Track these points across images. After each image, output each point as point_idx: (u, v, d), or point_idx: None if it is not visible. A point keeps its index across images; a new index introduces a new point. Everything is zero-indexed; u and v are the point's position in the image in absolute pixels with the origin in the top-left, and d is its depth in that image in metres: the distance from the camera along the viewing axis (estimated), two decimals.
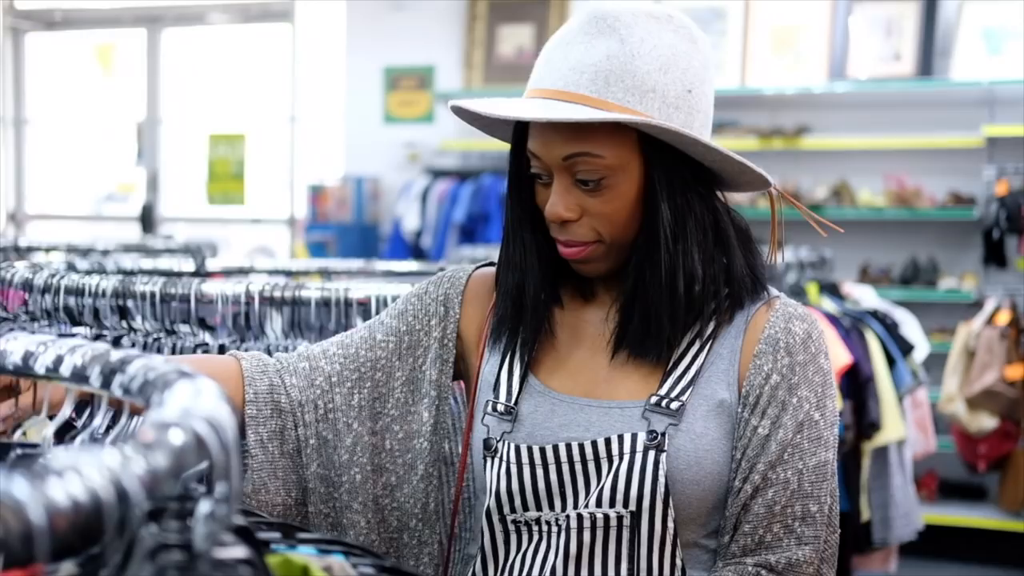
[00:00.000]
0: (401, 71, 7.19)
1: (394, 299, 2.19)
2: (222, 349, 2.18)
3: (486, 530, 1.57)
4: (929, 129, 6.07)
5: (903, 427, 4.25)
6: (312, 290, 2.20)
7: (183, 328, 2.31)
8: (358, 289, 2.21)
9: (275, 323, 2.34)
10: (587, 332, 1.60)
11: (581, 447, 1.50)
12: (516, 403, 1.57)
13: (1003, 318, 5.55)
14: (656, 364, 1.53)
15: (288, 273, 3.23)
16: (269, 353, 2.21)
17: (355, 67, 7.30)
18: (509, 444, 1.54)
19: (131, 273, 2.95)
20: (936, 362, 5.55)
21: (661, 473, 1.46)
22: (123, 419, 1.16)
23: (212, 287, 2.23)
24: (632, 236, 1.50)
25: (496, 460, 1.55)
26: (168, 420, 0.77)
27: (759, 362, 1.51)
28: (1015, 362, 5.46)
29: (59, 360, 1.08)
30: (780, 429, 1.49)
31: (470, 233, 6.60)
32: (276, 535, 1.12)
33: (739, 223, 1.56)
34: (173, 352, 2.18)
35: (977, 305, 5.88)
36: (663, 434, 1.48)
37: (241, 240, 7.98)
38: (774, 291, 1.58)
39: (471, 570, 1.60)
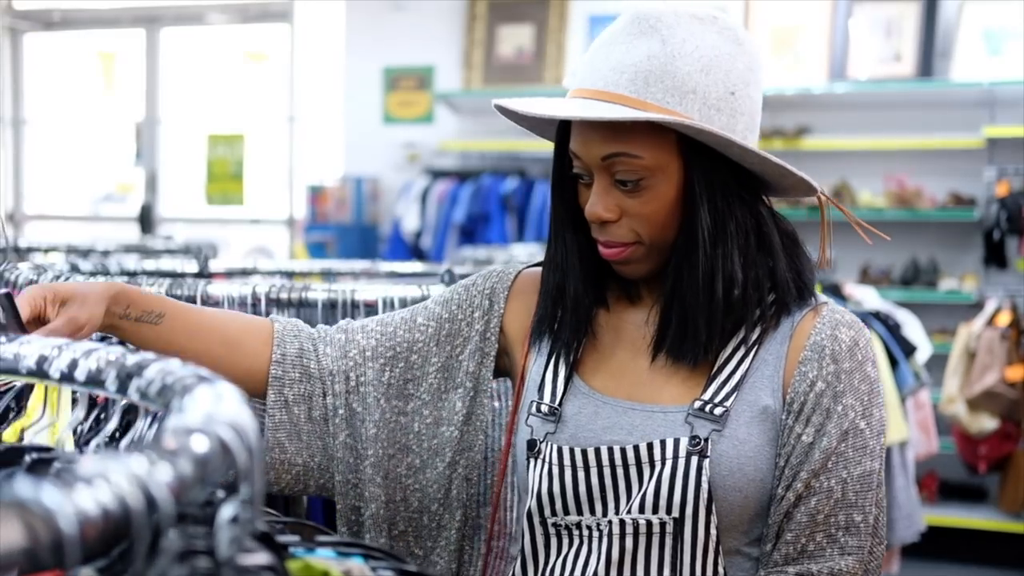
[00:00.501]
0: (400, 71, 7.18)
1: (401, 301, 2.19)
2: None
3: (526, 532, 1.56)
4: (929, 130, 6.07)
5: (906, 428, 4.25)
6: (319, 292, 2.19)
7: None
8: (364, 291, 2.20)
9: None
10: (629, 334, 1.60)
11: (623, 451, 1.50)
12: (560, 404, 1.57)
13: (1004, 319, 5.55)
14: (699, 368, 1.52)
15: (291, 274, 3.22)
16: None
17: (354, 67, 7.30)
18: (552, 445, 1.54)
19: (134, 274, 2.94)
20: (936, 363, 5.55)
21: (704, 479, 1.45)
22: (138, 423, 1.15)
23: (218, 288, 2.22)
24: (672, 238, 1.49)
25: (539, 461, 1.55)
26: (192, 426, 0.76)
27: (804, 369, 1.49)
28: (1015, 363, 5.46)
29: (74, 364, 1.07)
30: (824, 437, 1.47)
31: (470, 234, 6.60)
32: (294, 538, 1.12)
33: (785, 228, 1.55)
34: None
35: (978, 306, 5.88)
36: (706, 440, 1.46)
37: (240, 241, 7.97)
38: (822, 297, 1.57)
39: (511, 571, 1.60)
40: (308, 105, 7.93)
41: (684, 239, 1.48)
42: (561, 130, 1.54)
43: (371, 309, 2.21)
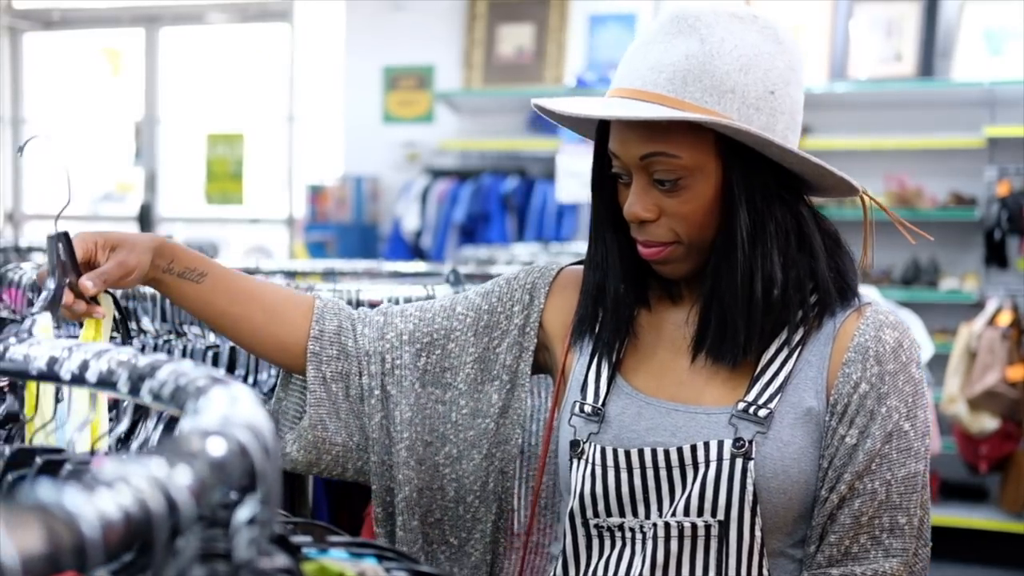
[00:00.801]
0: (400, 71, 7.18)
1: (407, 300, 2.18)
2: (232, 351, 2.17)
3: (568, 532, 1.56)
4: (930, 130, 6.07)
5: None
6: (323, 292, 2.18)
7: (192, 330, 2.30)
8: (369, 290, 2.19)
9: None
10: (670, 334, 1.59)
11: (667, 453, 1.49)
12: (603, 404, 1.56)
13: (1004, 319, 5.55)
14: (741, 369, 1.51)
15: (293, 274, 3.21)
16: None
17: (354, 67, 7.30)
18: (596, 446, 1.54)
19: None
20: (938, 363, 5.55)
21: (749, 481, 1.44)
22: (149, 423, 1.15)
23: None
24: (710, 237, 1.48)
25: (582, 462, 1.54)
26: (209, 428, 0.75)
27: (848, 370, 1.48)
28: (1016, 363, 5.45)
29: (85, 365, 1.06)
30: (868, 439, 1.46)
31: (470, 233, 6.59)
32: (307, 539, 1.11)
33: (827, 228, 1.54)
34: (184, 355, 2.16)
35: (978, 306, 5.88)
36: (751, 442, 1.46)
37: (239, 240, 7.97)
38: (866, 297, 1.56)
39: (553, 570, 1.60)
40: (308, 105, 7.93)
41: (723, 239, 1.47)
42: (601, 130, 1.54)
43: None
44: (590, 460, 1.53)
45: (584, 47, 6.79)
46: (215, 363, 2.12)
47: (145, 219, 7.96)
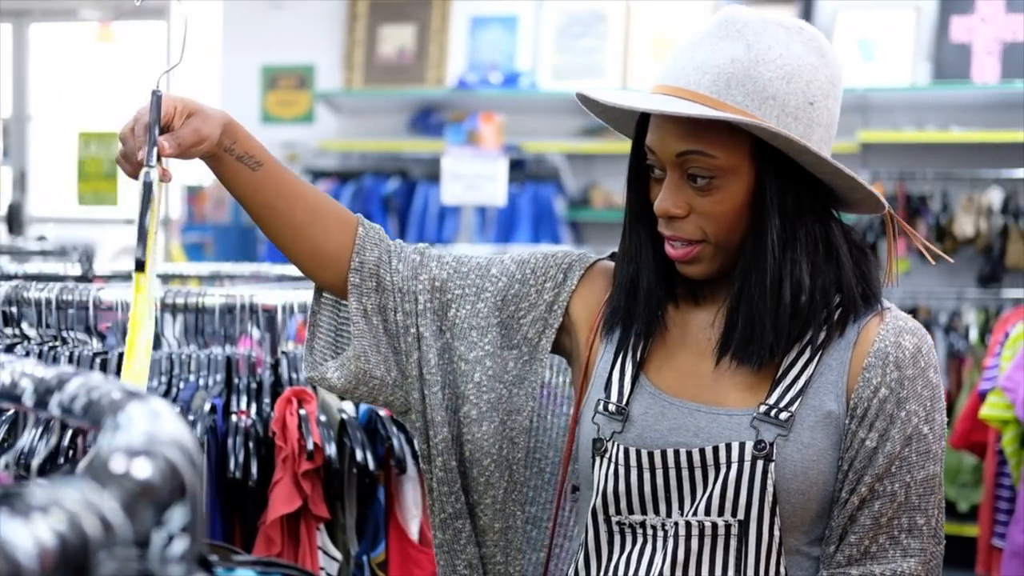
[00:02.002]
0: (280, 70, 7.10)
1: (300, 307, 2.16)
2: (122, 357, 2.12)
3: (590, 527, 1.59)
4: None
5: None
6: (216, 296, 2.14)
7: (74, 335, 2.25)
8: (264, 295, 2.16)
9: (171, 329, 2.29)
10: (694, 335, 1.61)
11: (690, 454, 1.52)
12: (627, 403, 1.58)
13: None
14: (763, 372, 1.54)
15: (176, 278, 3.16)
16: (171, 362, 2.16)
17: (232, 66, 7.18)
18: (618, 445, 1.56)
19: (10, 277, 2.86)
20: None
21: (770, 483, 1.48)
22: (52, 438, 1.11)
23: (110, 294, 2.17)
24: (738, 240, 1.51)
25: (605, 460, 1.57)
26: (136, 447, 0.73)
27: (868, 375, 1.51)
28: None
29: None
30: (888, 442, 1.50)
31: None
32: (214, 558, 1.09)
33: (854, 239, 1.57)
34: (70, 361, 2.11)
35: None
36: (772, 444, 1.49)
37: (112, 242, 7.79)
38: (886, 303, 1.58)
39: (574, 565, 1.62)
40: None
41: (753, 242, 1.49)
42: (639, 124, 1.56)
43: (271, 314, 2.18)
44: (613, 459, 1.56)
45: (466, 48, 6.79)
46: (103, 369, 2.07)
47: (14, 219, 7.74)
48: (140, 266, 1.49)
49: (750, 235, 1.50)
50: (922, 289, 5.96)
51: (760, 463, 1.48)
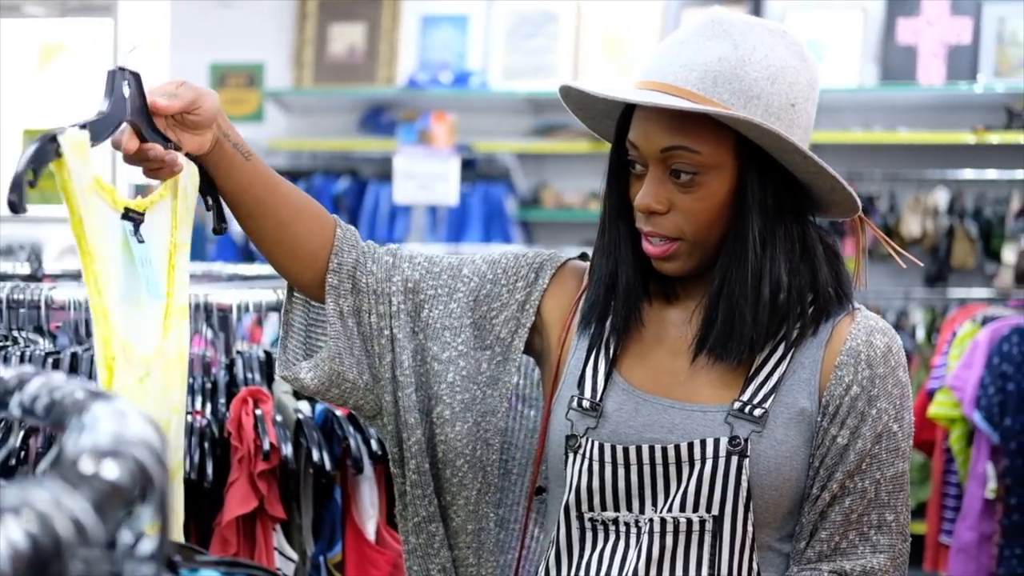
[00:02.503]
0: (229, 68, 7.05)
1: (256, 306, 2.15)
2: (74, 357, 2.10)
3: (562, 524, 1.59)
4: None
5: None
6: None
7: (25, 335, 2.22)
8: (219, 295, 2.15)
9: None
10: (669, 333, 1.62)
11: (664, 450, 1.53)
12: (601, 399, 1.59)
13: None
14: (737, 369, 1.55)
15: None
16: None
17: (180, 63, 7.11)
18: (592, 441, 1.56)
19: None
20: None
21: (744, 479, 1.50)
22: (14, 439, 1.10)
23: (62, 293, 2.15)
24: (715, 238, 1.53)
25: (578, 456, 1.57)
26: (104, 448, 0.73)
27: (840, 373, 1.53)
28: None
29: None
30: (859, 440, 1.52)
31: None
32: (178, 557, 1.08)
33: (828, 241, 1.59)
34: (22, 361, 2.08)
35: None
36: (746, 440, 1.50)
37: (58, 240, 7.70)
38: (856, 304, 1.61)
39: (544, 563, 1.62)
40: None
41: (733, 239, 1.51)
42: (621, 120, 1.57)
43: (225, 314, 2.16)
44: (587, 455, 1.56)
45: (416, 47, 6.78)
46: (55, 369, 2.05)
47: None
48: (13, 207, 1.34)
49: (731, 232, 1.51)
50: (870, 289, 5.99)
51: (735, 459, 1.50)
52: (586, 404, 1.59)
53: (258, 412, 2.04)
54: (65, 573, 0.62)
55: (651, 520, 1.53)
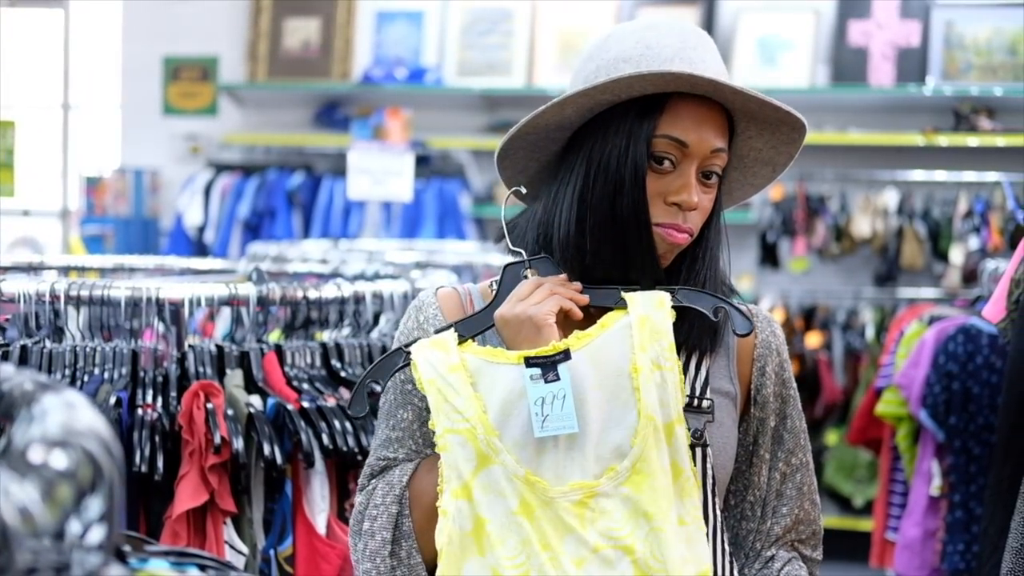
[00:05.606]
0: (182, 61, 7.01)
1: (208, 300, 2.14)
2: (24, 350, 2.09)
3: None
4: None
5: None
6: (121, 290, 2.12)
7: None
8: (170, 289, 2.14)
9: (75, 322, 2.25)
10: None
11: None
12: None
13: (776, 317, 5.79)
14: None
15: (77, 269, 3.11)
16: (75, 355, 2.12)
17: (132, 55, 7.07)
18: None
19: None
20: None
21: (709, 466, 1.56)
22: None
23: (12, 285, 2.14)
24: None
25: None
26: (53, 437, 0.73)
27: (761, 364, 1.64)
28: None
29: None
30: (787, 419, 1.65)
31: (255, 229, 6.49)
32: (127, 548, 1.08)
33: None
34: None
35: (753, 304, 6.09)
36: (703, 431, 1.56)
37: (6, 232, 7.63)
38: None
39: None
40: (84, 93, 7.65)
41: (713, 231, 1.60)
42: (645, 114, 1.52)
43: (176, 308, 2.16)
44: None
45: (371, 43, 6.77)
46: (5, 362, 2.04)
47: None
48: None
49: (708, 229, 1.59)
50: (820, 288, 6.08)
51: (699, 450, 1.55)
52: None
53: (209, 406, 2.04)
54: (12, 562, 0.62)
55: None
